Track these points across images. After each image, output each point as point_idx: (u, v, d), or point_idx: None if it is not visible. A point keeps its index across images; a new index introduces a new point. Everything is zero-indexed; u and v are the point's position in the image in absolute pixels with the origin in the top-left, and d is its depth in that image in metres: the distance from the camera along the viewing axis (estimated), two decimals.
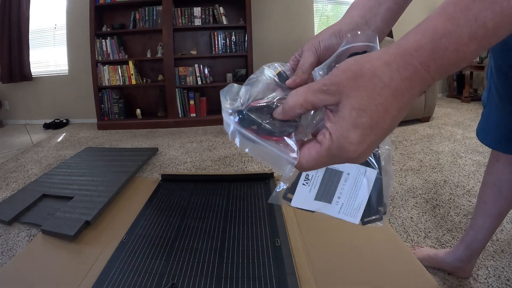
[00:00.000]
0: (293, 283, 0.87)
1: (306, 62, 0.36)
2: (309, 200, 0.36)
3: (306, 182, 0.35)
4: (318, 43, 0.37)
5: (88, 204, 1.35)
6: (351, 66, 0.25)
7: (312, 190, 0.35)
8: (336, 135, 0.25)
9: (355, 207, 0.36)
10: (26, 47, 3.41)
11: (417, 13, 4.01)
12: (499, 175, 0.83)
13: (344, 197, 0.35)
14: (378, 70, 0.24)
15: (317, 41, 0.37)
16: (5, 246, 1.20)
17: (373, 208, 0.36)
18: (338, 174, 0.35)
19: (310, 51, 0.36)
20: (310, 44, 0.37)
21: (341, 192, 0.35)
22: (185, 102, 3.27)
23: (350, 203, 0.36)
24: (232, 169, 1.92)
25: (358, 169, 0.35)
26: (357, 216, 0.36)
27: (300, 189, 0.35)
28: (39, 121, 3.59)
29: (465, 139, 2.30)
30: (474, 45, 0.22)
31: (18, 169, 2.09)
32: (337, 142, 0.25)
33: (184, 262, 0.99)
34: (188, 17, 3.19)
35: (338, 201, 0.36)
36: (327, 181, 0.35)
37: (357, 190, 0.35)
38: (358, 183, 0.35)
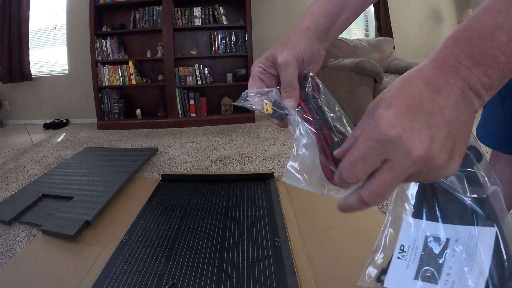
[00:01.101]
0: (293, 283, 0.87)
1: (294, 78, 0.34)
2: (408, 280, 0.27)
3: (402, 255, 0.28)
4: (301, 57, 0.35)
5: (88, 204, 1.35)
6: None
7: (411, 265, 0.28)
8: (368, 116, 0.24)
9: (471, 286, 0.26)
10: (26, 47, 3.41)
11: (417, 13, 4.01)
12: (499, 175, 0.83)
13: (454, 272, 0.26)
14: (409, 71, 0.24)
15: (299, 54, 0.35)
16: (5, 246, 1.20)
17: (498, 281, 0.26)
18: (443, 242, 0.27)
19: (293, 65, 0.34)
20: (289, 58, 0.34)
21: (450, 267, 0.26)
22: (185, 102, 3.27)
23: (464, 280, 0.26)
24: (232, 169, 1.92)
25: (468, 231, 0.27)
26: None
27: (394, 265, 0.28)
28: (39, 121, 3.59)
29: None
30: (503, 34, 0.21)
31: (18, 169, 2.09)
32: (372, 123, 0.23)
33: (184, 262, 0.99)
34: (188, 17, 3.18)
35: (448, 279, 0.26)
36: (429, 253, 0.27)
37: (471, 261, 0.26)
38: (471, 250, 0.26)
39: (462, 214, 0.27)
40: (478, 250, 0.26)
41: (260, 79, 0.36)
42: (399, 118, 0.23)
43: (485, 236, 0.26)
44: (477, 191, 0.27)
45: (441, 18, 3.99)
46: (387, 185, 0.24)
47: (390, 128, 0.22)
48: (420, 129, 0.22)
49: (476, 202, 0.27)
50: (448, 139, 0.23)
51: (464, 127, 0.24)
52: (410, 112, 0.23)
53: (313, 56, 0.37)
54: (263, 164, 1.96)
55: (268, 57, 0.36)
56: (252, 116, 3.22)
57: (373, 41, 3.36)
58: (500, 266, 0.26)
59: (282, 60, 0.34)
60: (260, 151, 2.22)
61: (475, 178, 0.27)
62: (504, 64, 0.22)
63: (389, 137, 0.22)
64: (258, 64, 0.36)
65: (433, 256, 0.27)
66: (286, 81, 0.34)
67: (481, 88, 0.23)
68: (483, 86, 0.23)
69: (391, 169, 0.23)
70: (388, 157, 0.23)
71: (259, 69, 0.36)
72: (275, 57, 0.35)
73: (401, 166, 0.23)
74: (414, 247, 0.28)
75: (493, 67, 0.22)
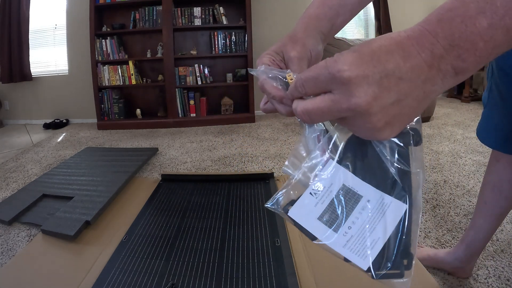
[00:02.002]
0: (293, 283, 0.87)
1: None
2: (311, 217, 0.29)
3: (315, 193, 0.29)
4: (310, 52, 0.36)
5: (88, 204, 1.35)
6: None
7: (319, 205, 0.28)
8: (336, 54, 0.25)
9: (367, 245, 0.27)
10: (26, 47, 3.41)
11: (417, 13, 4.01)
12: (499, 175, 0.83)
13: (356, 228, 0.27)
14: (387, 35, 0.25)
15: (308, 50, 0.36)
16: (5, 246, 1.20)
17: (391, 256, 0.27)
18: (356, 197, 0.28)
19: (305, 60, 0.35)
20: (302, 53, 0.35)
21: (354, 221, 0.27)
22: (185, 102, 3.27)
23: (362, 238, 0.27)
24: (232, 169, 1.92)
25: (382, 197, 0.28)
26: (367, 257, 0.27)
27: (304, 198, 0.29)
28: (39, 121, 3.59)
29: (465, 139, 2.30)
30: (484, 20, 0.22)
31: (18, 169, 2.09)
32: (335, 57, 0.25)
33: (184, 262, 0.99)
34: (188, 17, 3.18)
35: (347, 231, 0.27)
36: (339, 201, 0.28)
37: (375, 223, 0.27)
38: (378, 215, 0.27)
39: (383, 180, 0.28)
40: (384, 217, 0.27)
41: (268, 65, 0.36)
42: (358, 63, 0.23)
43: (395, 208, 0.27)
44: (402, 164, 0.28)
45: None
46: (319, 111, 0.26)
47: (345, 68, 0.23)
48: (371, 83, 0.23)
49: (398, 173, 0.28)
50: (393, 106, 0.24)
51: (414, 103, 0.24)
52: (371, 63, 0.23)
53: (318, 56, 0.38)
54: (263, 164, 1.96)
55: (277, 51, 0.36)
56: (252, 116, 3.22)
57: None
58: (399, 242, 0.27)
59: (297, 54, 0.35)
60: (260, 151, 2.22)
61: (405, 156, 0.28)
62: (481, 50, 0.22)
63: (341, 75, 0.23)
64: (267, 56, 0.36)
65: (341, 205, 0.28)
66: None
67: (451, 71, 0.23)
68: (453, 69, 0.23)
69: (330, 100, 0.25)
70: (333, 89, 0.25)
71: (269, 58, 0.36)
72: (286, 51, 0.36)
73: (339, 103, 0.24)
74: (329, 190, 0.28)
75: (470, 52, 0.22)
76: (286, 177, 1.60)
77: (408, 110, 0.25)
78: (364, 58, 0.23)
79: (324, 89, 0.25)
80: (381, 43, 0.24)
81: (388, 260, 0.27)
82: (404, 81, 0.23)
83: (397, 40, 0.24)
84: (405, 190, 0.28)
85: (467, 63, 0.23)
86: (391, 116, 0.24)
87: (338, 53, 0.25)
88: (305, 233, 0.29)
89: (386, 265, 0.27)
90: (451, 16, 0.23)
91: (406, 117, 0.25)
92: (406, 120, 0.25)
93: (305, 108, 0.26)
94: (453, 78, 0.24)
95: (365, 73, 0.23)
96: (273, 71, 0.32)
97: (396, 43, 0.23)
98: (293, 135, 2.63)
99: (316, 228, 0.28)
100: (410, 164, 0.28)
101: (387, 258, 0.27)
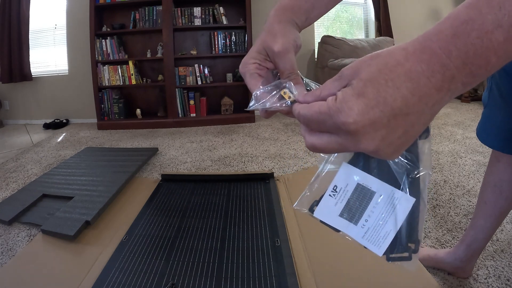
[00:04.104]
0: (293, 283, 0.87)
1: (294, 64, 0.34)
2: (334, 215, 0.33)
3: (333, 194, 0.32)
4: (295, 42, 0.35)
5: (88, 204, 1.35)
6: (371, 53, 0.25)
7: (339, 204, 0.32)
8: (340, 99, 0.24)
9: (381, 236, 0.31)
10: (26, 47, 3.41)
11: (417, 13, 4.01)
12: (500, 175, 0.83)
13: (372, 221, 0.31)
14: (394, 52, 0.23)
15: (292, 40, 0.34)
16: (5, 246, 1.20)
17: (402, 242, 0.32)
18: (370, 194, 0.31)
19: (292, 52, 0.34)
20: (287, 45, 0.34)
21: (370, 215, 0.31)
22: (185, 102, 3.27)
23: (377, 230, 0.31)
24: (232, 169, 1.92)
25: (393, 192, 0.31)
26: (382, 246, 0.31)
27: (326, 200, 0.33)
28: (39, 121, 3.59)
29: (465, 139, 2.30)
30: (501, 34, 0.20)
31: (18, 169, 2.09)
32: (339, 104, 0.23)
33: (184, 262, 0.99)
34: (188, 17, 3.18)
35: (365, 224, 0.32)
36: (356, 198, 0.32)
37: (387, 216, 0.31)
38: (389, 209, 0.31)
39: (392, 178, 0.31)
40: (395, 211, 0.31)
41: (259, 75, 0.35)
42: (364, 111, 0.22)
43: (404, 201, 0.31)
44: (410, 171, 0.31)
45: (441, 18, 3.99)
46: (326, 150, 0.26)
47: (351, 121, 0.23)
48: (378, 128, 0.23)
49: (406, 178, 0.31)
50: (400, 139, 0.24)
51: (421, 127, 0.24)
52: (377, 107, 0.22)
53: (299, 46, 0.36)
54: (263, 164, 1.96)
55: (259, 51, 0.35)
56: (252, 116, 3.22)
57: (373, 41, 3.36)
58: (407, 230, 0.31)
59: (281, 48, 0.33)
60: (260, 151, 2.22)
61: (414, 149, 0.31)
62: (493, 64, 0.21)
63: (347, 127, 0.23)
64: (251, 61, 0.35)
65: (358, 202, 0.32)
66: (290, 68, 0.33)
67: (460, 87, 0.22)
68: (463, 85, 0.22)
69: (337, 143, 0.25)
70: (339, 134, 0.24)
71: (254, 66, 0.35)
72: (268, 47, 0.34)
73: (347, 147, 0.25)
74: (345, 190, 0.32)
75: (482, 68, 0.21)
76: (286, 177, 1.60)
77: (415, 133, 0.24)
78: (370, 103, 0.22)
79: (328, 131, 0.25)
80: (387, 77, 0.22)
81: (398, 245, 0.31)
82: (412, 114, 0.23)
83: (406, 68, 0.22)
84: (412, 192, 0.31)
85: (477, 78, 0.22)
86: (397, 146, 0.24)
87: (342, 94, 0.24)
88: (330, 227, 0.33)
89: (396, 250, 0.32)
90: (467, 31, 0.21)
91: (412, 139, 0.25)
92: (413, 140, 0.25)
93: (312, 144, 0.27)
94: (459, 92, 0.23)
95: (372, 119, 0.22)
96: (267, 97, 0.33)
97: (405, 73, 0.22)
98: (293, 135, 2.63)
99: (339, 223, 0.33)
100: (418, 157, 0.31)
101: (398, 244, 0.31)
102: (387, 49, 0.24)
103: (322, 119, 0.25)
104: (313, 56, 3.65)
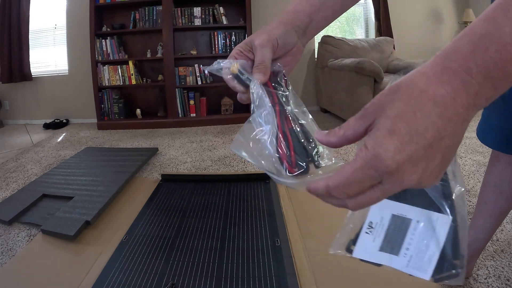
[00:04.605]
0: (293, 283, 0.87)
1: (267, 58, 0.36)
2: (373, 251, 0.32)
3: (370, 231, 0.32)
4: (275, 40, 0.37)
5: (88, 204, 1.35)
6: (390, 86, 0.24)
7: (377, 239, 0.32)
8: (371, 144, 0.23)
9: (425, 261, 0.31)
10: (26, 47, 3.41)
11: (417, 13, 4.01)
12: (499, 175, 0.83)
13: (413, 248, 0.31)
14: (414, 81, 0.23)
15: (274, 38, 0.37)
16: (5, 246, 1.20)
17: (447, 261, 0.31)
18: (406, 222, 0.31)
19: (268, 47, 0.36)
20: (265, 40, 0.36)
21: (410, 243, 0.31)
22: (185, 102, 3.27)
23: (420, 256, 0.31)
24: (232, 169, 1.92)
25: (429, 216, 0.31)
26: (428, 270, 0.31)
27: (363, 238, 0.32)
28: (39, 121, 3.59)
29: (465, 139, 2.30)
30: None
31: (18, 169, 2.09)
32: (372, 151, 0.23)
33: (184, 262, 0.99)
34: (188, 17, 3.18)
35: (407, 253, 0.31)
36: (393, 230, 0.31)
37: (429, 241, 0.31)
38: (429, 232, 0.31)
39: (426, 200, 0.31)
40: (435, 233, 0.30)
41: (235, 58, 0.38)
42: (401, 149, 0.22)
43: (441, 222, 0.30)
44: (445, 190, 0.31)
45: (441, 18, 3.99)
46: (374, 200, 0.25)
47: (391, 161, 0.22)
48: (417, 161, 0.23)
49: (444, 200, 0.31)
50: (439, 166, 0.24)
51: (456, 147, 0.24)
52: (412, 142, 0.22)
53: (287, 45, 0.38)
54: None
55: (246, 42, 0.38)
56: None
57: (373, 41, 3.36)
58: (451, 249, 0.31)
59: (258, 42, 0.36)
60: None
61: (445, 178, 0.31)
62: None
63: (389, 169, 0.22)
64: (237, 47, 0.38)
65: (396, 233, 0.31)
66: (260, 60, 0.36)
67: (484, 102, 0.23)
68: (486, 100, 0.22)
69: (381, 190, 0.24)
70: (382, 182, 0.24)
71: (236, 51, 0.38)
72: (252, 41, 0.37)
73: (391, 190, 0.24)
74: (381, 224, 0.31)
75: (503, 80, 0.21)
76: None
77: (452, 155, 0.24)
78: (404, 139, 0.22)
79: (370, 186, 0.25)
80: (414, 108, 0.22)
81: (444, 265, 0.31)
82: (446, 138, 0.23)
83: (430, 94, 0.22)
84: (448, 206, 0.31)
85: (499, 90, 0.22)
86: (438, 172, 0.24)
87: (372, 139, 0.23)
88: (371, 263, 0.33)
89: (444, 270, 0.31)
90: (485, 45, 0.21)
91: (450, 161, 0.25)
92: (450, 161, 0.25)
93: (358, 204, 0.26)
94: (484, 105, 0.23)
95: (410, 154, 0.22)
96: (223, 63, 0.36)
97: (430, 99, 0.22)
98: None
99: (379, 258, 0.32)
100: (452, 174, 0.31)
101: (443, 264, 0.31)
102: (406, 77, 0.24)
103: (360, 176, 0.24)
104: (313, 56, 3.65)
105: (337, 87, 2.85)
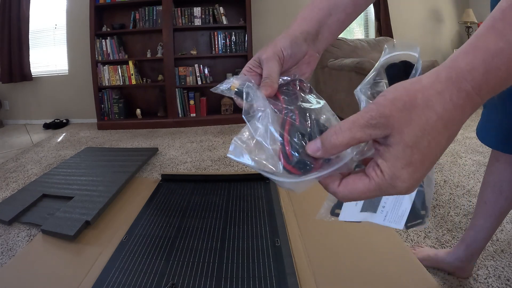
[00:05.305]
0: (293, 283, 0.87)
1: (273, 71, 0.35)
2: (356, 213, 0.38)
3: None
4: (281, 52, 0.36)
5: (88, 204, 1.35)
6: (402, 96, 0.23)
7: (358, 203, 0.37)
8: (389, 174, 0.24)
9: (399, 215, 0.37)
10: (26, 47, 3.41)
11: (417, 13, 4.01)
12: (499, 175, 0.83)
13: (388, 206, 0.37)
14: (432, 101, 0.23)
15: (279, 50, 0.36)
16: (5, 246, 1.20)
17: (416, 213, 0.37)
18: None
19: (274, 60, 0.36)
20: (271, 53, 0.36)
21: (386, 202, 0.37)
22: (185, 102, 3.27)
23: (395, 212, 0.37)
24: (232, 169, 1.92)
25: None
26: (401, 222, 0.37)
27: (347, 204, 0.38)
28: (39, 121, 3.59)
29: (465, 139, 2.30)
30: None
31: (18, 169, 2.09)
32: (390, 180, 0.24)
33: (184, 262, 0.99)
34: (188, 17, 3.18)
35: (383, 210, 0.37)
36: None
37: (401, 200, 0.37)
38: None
39: None
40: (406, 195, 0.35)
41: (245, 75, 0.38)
42: (413, 176, 0.24)
43: None
44: None
45: (441, 18, 3.99)
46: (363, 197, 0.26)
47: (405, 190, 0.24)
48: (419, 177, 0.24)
49: None
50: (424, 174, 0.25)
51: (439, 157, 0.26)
52: (424, 168, 0.24)
53: (296, 54, 0.38)
54: None
55: (255, 58, 0.38)
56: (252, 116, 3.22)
57: (373, 41, 3.37)
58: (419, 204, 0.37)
59: (265, 57, 0.36)
60: None
61: None
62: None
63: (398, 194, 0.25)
64: (247, 65, 0.39)
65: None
66: (266, 74, 0.35)
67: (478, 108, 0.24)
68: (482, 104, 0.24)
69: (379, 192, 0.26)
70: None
71: (246, 68, 0.38)
72: (260, 56, 0.37)
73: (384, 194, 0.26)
74: None
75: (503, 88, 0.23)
76: None
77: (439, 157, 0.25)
78: (417, 168, 0.24)
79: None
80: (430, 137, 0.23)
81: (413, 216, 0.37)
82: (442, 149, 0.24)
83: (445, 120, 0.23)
84: None
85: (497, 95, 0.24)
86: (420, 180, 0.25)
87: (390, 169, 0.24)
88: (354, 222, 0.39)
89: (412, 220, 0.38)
90: (497, 66, 0.22)
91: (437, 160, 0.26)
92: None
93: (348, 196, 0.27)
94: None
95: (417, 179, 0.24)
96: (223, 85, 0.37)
97: (444, 126, 0.23)
98: None
99: (361, 216, 0.38)
100: None
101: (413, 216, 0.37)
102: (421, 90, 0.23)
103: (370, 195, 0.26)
104: None
105: (337, 87, 2.85)
